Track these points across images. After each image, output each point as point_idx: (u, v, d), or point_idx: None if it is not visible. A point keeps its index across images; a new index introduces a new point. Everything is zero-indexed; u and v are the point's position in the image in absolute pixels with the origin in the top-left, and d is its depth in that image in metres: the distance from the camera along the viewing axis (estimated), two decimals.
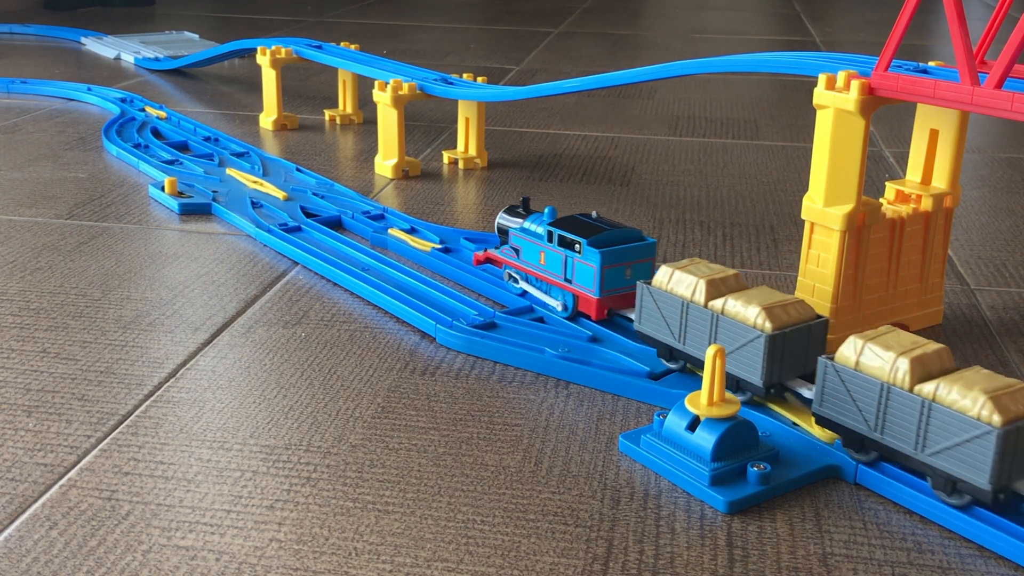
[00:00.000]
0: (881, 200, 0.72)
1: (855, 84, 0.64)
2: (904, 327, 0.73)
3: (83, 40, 1.89)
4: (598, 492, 0.53)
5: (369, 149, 1.19)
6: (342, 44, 1.34)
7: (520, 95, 1.02)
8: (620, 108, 1.45)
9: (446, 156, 1.14)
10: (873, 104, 0.65)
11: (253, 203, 0.95)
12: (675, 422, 0.55)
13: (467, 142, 1.13)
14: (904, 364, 0.51)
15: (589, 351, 0.67)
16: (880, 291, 0.70)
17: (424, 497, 0.53)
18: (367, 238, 0.89)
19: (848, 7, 2.74)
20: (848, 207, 0.66)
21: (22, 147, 1.18)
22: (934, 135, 0.71)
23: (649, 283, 0.63)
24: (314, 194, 0.98)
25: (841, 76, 0.65)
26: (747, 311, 0.58)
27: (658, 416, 0.57)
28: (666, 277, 0.62)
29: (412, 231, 0.88)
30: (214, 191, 0.99)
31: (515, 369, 0.66)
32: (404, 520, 0.51)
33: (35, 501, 0.52)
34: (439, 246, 0.84)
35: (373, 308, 0.75)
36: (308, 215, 0.93)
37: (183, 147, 1.16)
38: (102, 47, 1.81)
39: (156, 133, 1.22)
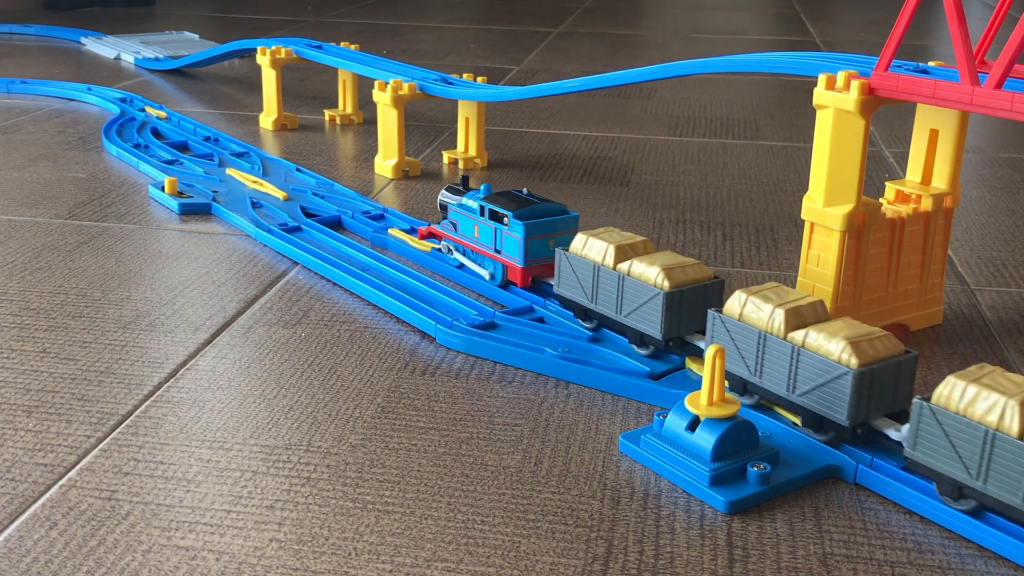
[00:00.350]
0: (881, 200, 0.72)
1: (855, 84, 0.64)
2: (905, 327, 0.73)
3: (83, 40, 1.89)
4: (598, 492, 0.53)
5: (369, 149, 1.19)
6: (342, 44, 1.34)
7: (520, 95, 1.02)
8: (620, 108, 1.45)
9: (446, 156, 1.14)
10: (873, 104, 0.65)
11: (253, 203, 0.95)
12: (675, 422, 0.55)
13: (467, 142, 1.13)
14: (780, 315, 0.57)
15: (589, 351, 0.67)
16: (880, 291, 0.70)
17: (424, 497, 0.53)
18: (367, 238, 0.89)
19: (848, 7, 2.74)
20: (848, 207, 0.66)
21: (22, 147, 1.18)
22: (934, 135, 0.71)
23: (566, 249, 0.69)
24: (314, 194, 0.98)
25: (841, 76, 0.65)
26: (649, 271, 0.64)
27: (658, 416, 0.57)
28: (581, 244, 0.68)
29: (412, 231, 0.88)
30: (214, 191, 0.99)
31: (515, 369, 0.66)
32: (404, 520, 0.51)
33: (35, 501, 0.52)
34: (439, 246, 0.84)
35: (373, 308, 0.75)
36: (308, 215, 0.93)
37: (183, 147, 1.16)
38: (102, 47, 1.81)
39: (156, 133, 1.22)
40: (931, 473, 0.51)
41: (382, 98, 1.06)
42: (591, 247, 0.68)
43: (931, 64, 0.71)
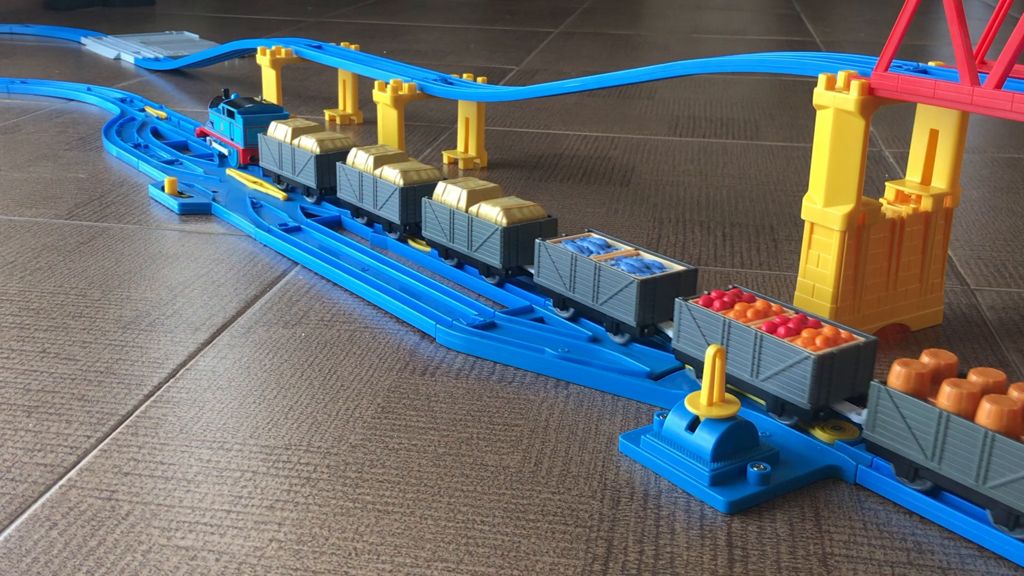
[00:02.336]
0: (881, 200, 0.72)
1: (855, 84, 0.64)
2: (905, 327, 0.73)
3: (83, 40, 1.89)
4: (598, 492, 0.53)
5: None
6: (342, 44, 1.34)
7: (520, 95, 1.02)
8: (620, 108, 1.45)
9: (446, 156, 1.14)
10: (873, 104, 0.65)
11: (253, 203, 0.95)
12: (675, 422, 0.55)
13: (467, 142, 1.13)
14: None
15: (589, 351, 0.67)
16: (880, 291, 0.70)
17: (424, 497, 0.53)
18: (367, 238, 0.89)
19: (848, 7, 2.74)
20: (848, 207, 0.66)
21: (22, 147, 1.18)
22: (934, 135, 0.71)
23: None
24: None
25: (841, 76, 0.65)
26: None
27: (658, 416, 0.57)
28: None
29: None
30: (214, 191, 0.99)
31: (515, 369, 0.66)
32: (404, 520, 0.51)
33: (35, 501, 0.52)
34: None
35: (373, 308, 0.75)
36: (308, 215, 0.93)
37: (183, 147, 1.16)
38: (102, 47, 1.81)
39: (156, 133, 1.22)
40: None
41: (382, 98, 1.06)
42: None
43: (931, 64, 0.71)
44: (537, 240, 0.72)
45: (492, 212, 0.76)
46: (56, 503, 0.51)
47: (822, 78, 0.66)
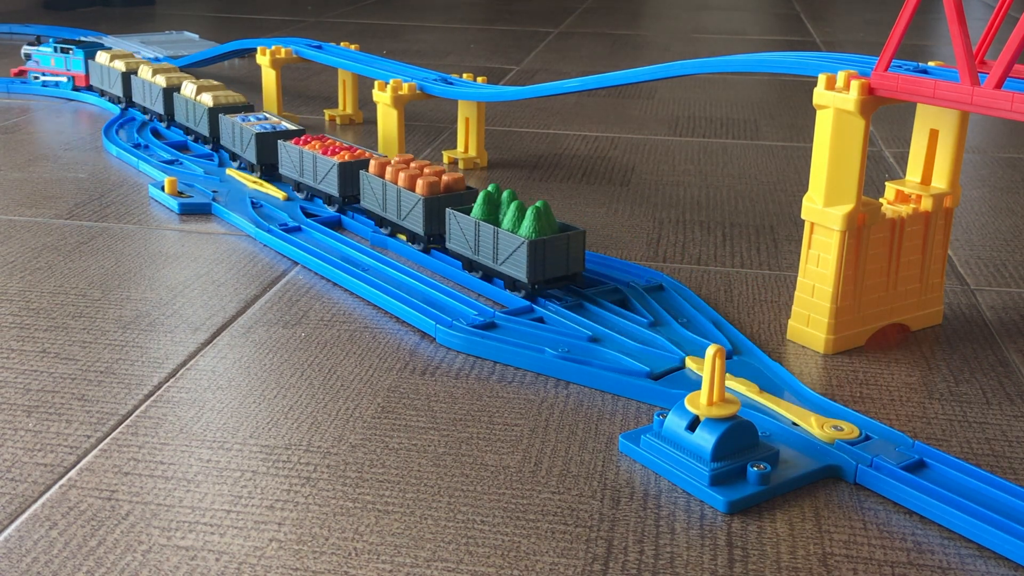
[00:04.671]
0: (881, 200, 0.72)
1: (855, 84, 0.64)
2: (905, 327, 0.73)
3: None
4: (598, 492, 0.53)
5: (369, 149, 1.19)
6: (342, 44, 1.34)
7: (520, 95, 1.02)
8: (620, 108, 1.45)
9: (446, 156, 1.14)
10: (873, 104, 0.65)
11: (253, 203, 0.95)
12: (675, 422, 0.55)
13: (467, 142, 1.13)
14: (163, 79, 1.18)
15: (589, 351, 0.67)
16: (880, 291, 0.70)
17: (424, 497, 0.53)
18: (367, 238, 0.89)
19: (848, 7, 2.74)
20: (848, 207, 0.66)
21: (22, 147, 1.18)
22: (934, 135, 0.71)
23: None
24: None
25: (841, 76, 0.65)
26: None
27: (658, 416, 0.57)
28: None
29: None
30: (214, 191, 0.99)
31: (515, 369, 0.66)
32: (404, 520, 0.51)
33: (35, 501, 0.52)
34: (439, 246, 0.84)
35: (373, 308, 0.75)
36: (308, 215, 0.93)
37: (183, 147, 1.16)
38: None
39: (156, 133, 1.22)
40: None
41: (382, 98, 1.06)
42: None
43: (931, 64, 0.71)
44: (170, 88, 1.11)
45: (205, 98, 1.09)
46: (56, 503, 0.51)
47: (822, 78, 0.66)
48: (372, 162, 0.87)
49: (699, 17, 2.51)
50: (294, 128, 1.01)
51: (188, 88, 1.14)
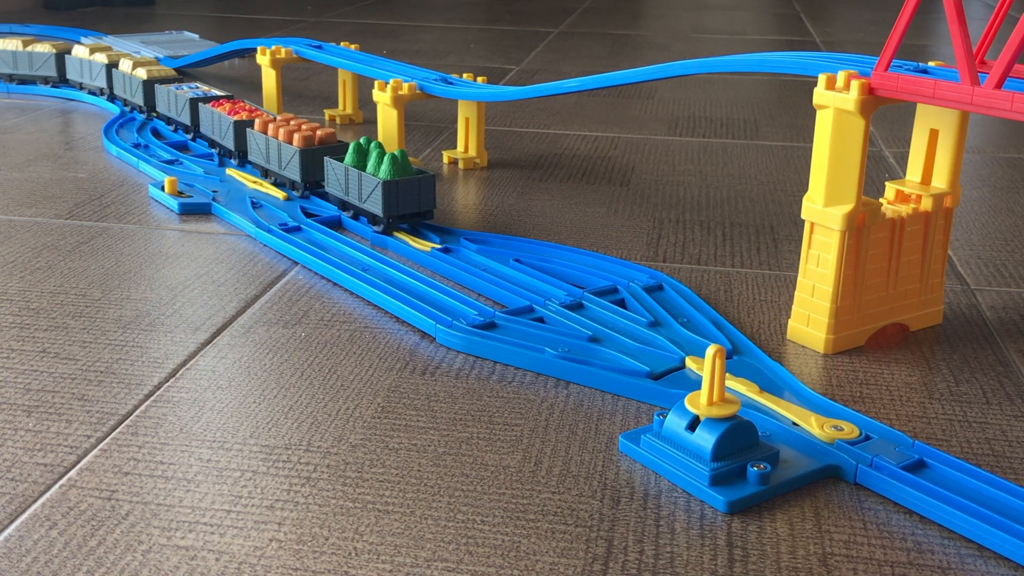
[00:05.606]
0: (881, 200, 0.72)
1: (855, 84, 0.64)
2: (905, 327, 0.73)
3: (83, 40, 1.88)
4: (598, 492, 0.53)
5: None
6: (342, 44, 1.34)
7: (520, 95, 1.02)
8: (620, 108, 1.45)
9: (446, 156, 1.14)
10: (873, 104, 0.65)
11: (253, 203, 0.95)
12: (675, 422, 0.55)
13: (467, 142, 1.13)
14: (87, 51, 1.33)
15: (589, 351, 0.67)
16: (880, 291, 0.70)
17: (424, 497, 0.53)
18: (367, 238, 0.89)
19: (848, 7, 2.74)
20: (848, 207, 0.66)
21: (22, 147, 1.18)
22: (934, 135, 0.71)
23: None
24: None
25: (841, 76, 0.65)
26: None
27: (658, 416, 0.57)
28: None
29: (412, 231, 0.88)
30: (214, 191, 0.99)
31: (515, 369, 0.66)
32: (404, 520, 0.51)
33: (35, 501, 0.52)
34: (439, 246, 0.84)
35: (373, 308, 0.75)
36: (308, 215, 0.93)
37: (183, 147, 1.16)
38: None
39: (156, 133, 1.22)
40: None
41: (382, 98, 1.06)
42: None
43: (931, 64, 0.71)
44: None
45: (140, 72, 1.25)
46: (56, 503, 0.51)
47: (822, 78, 0.66)
48: (257, 120, 1.00)
49: (699, 17, 2.51)
50: (222, 94, 1.17)
51: (125, 64, 1.29)
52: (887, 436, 0.57)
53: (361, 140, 0.89)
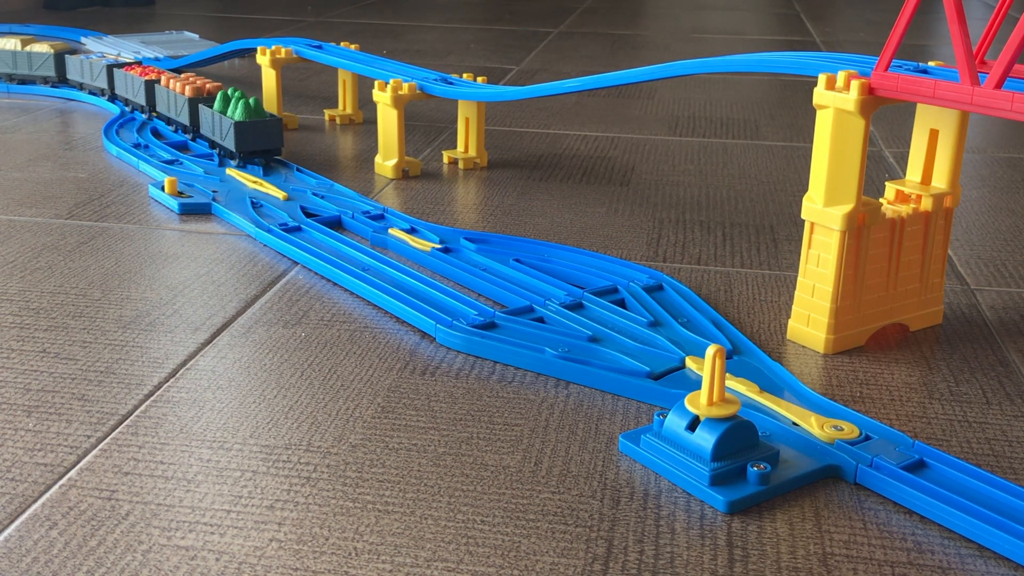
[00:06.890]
0: (881, 200, 0.72)
1: (855, 84, 0.64)
2: (905, 327, 0.73)
3: (83, 40, 1.89)
4: (598, 492, 0.53)
5: (369, 149, 1.19)
6: (342, 44, 1.34)
7: (520, 95, 1.02)
8: (620, 108, 1.45)
9: (446, 156, 1.14)
10: (873, 104, 0.65)
11: (253, 203, 0.95)
12: (675, 422, 0.55)
13: (467, 142, 1.13)
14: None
15: (589, 351, 0.67)
16: (880, 291, 0.70)
17: (424, 497, 0.53)
18: (367, 238, 0.89)
19: (848, 7, 2.74)
20: (848, 207, 0.66)
21: (22, 147, 1.18)
22: (934, 135, 0.71)
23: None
24: (314, 194, 0.98)
25: (841, 76, 0.65)
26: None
27: (658, 416, 0.57)
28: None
29: (412, 231, 0.88)
30: (214, 191, 0.99)
31: (515, 369, 0.66)
32: (404, 520, 0.51)
33: (35, 501, 0.52)
34: (439, 246, 0.84)
35: (373, 308, 0.75)
36: (308, 215, 0.93)
37: (183, 147, 1.16)
38: (102, 47, 1.81)
39: (156, 133, 1.22)
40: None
41: (382, 98, 1.06)
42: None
43: (931, 64, 0.71)
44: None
45: (8, 43, 1.42)
46: (56, 503, 0.51)
47: (822, 78, 0.66)
48: (163, 77, 1.21)
49: (699, 17, 2.51)
50: (131, 60, 1.37)
51: (39, 47, 1.45)
52: (887, 436, 0.57)
53: (228, 90, 1.06)
